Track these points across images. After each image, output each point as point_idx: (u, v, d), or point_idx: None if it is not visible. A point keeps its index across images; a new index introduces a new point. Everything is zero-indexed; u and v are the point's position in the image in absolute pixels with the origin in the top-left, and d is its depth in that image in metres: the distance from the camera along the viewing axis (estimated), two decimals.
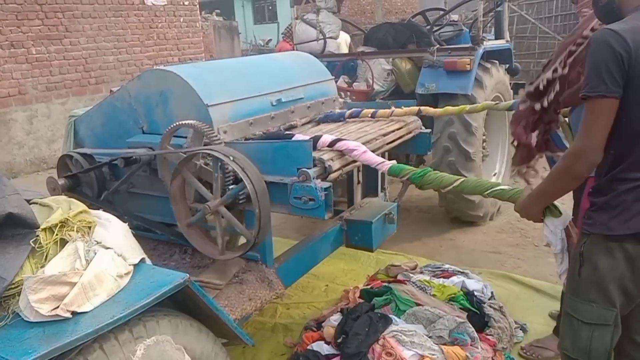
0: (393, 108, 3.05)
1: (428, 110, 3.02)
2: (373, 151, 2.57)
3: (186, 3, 9.45)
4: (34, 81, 7.44)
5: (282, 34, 9.06)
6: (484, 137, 4.44)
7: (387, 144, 2.80)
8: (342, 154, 2.47)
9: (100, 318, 1.44)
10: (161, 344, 1.38)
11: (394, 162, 2.39)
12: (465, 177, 4.08)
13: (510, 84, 5.69)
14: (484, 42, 4.22)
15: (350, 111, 3.07)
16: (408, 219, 4.99)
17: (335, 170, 2.34)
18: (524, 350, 2.82)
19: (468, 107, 3.01)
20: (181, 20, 9.39)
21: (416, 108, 3.03)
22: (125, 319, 1.47)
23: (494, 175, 4.87)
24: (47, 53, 7.51)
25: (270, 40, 21.63)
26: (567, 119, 2.45)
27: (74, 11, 7.76)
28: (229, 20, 19.63)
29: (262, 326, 3.30)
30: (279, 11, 23.71)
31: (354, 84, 4.87)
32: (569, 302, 1.88)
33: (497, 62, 4.49)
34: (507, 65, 5.03)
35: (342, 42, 5.45)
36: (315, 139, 2.47)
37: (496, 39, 4.99)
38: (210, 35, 16.71)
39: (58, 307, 1.43)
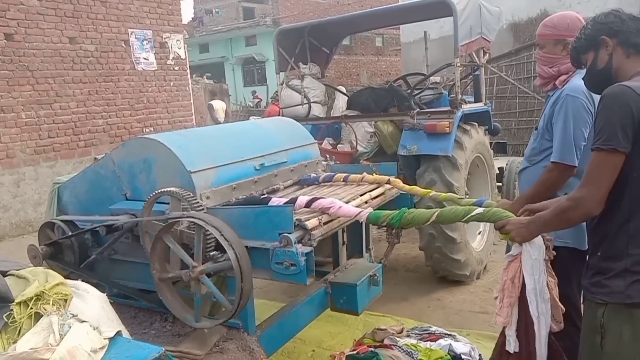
0: (364, 174, 3.15)
1: (396, 183, 3.12)
2: None
3: (176, 68, 9.72)
4: (23, 145, 7.49)
5: (271, 98, 9.32)
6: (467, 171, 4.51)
7: (366, 203, 2.84)
8: (323, 215, 2.49)
9: None
10: None
11: (370, 209, 2.41)
12: (449, 235, 4.15)
13: (491, 143, 5.86)
14: (462, 106, 4.36)
15: (323, 176, 3.14)
16: (395, 279, 4.97)
17: (316, 230, 2.35)
18: None
19: (432, 192, 3.09)
20: (171, 84, 9.62)
21: (386, 178, 3.13)
22: None
23: (479, 233, 4.90)
24: (36, 117, 7.61)
25: (260, 101, 22.15)
26: None
27: (64, 77, 7.93)
28: (219, 82, 20.15)
29: None
30: (268, 74, 24.43)
31: (338, 145, 4.98)
32: None
33: (476, 123, 4.63)
34: (487, 126, 5.19)
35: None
36: (292, 201, 2.50)
37: (475, 101, 5.17)
38: (200, 97, 17.09)
39: None
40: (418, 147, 4.27)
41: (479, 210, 2.15)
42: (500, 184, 5.91)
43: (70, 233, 2.68)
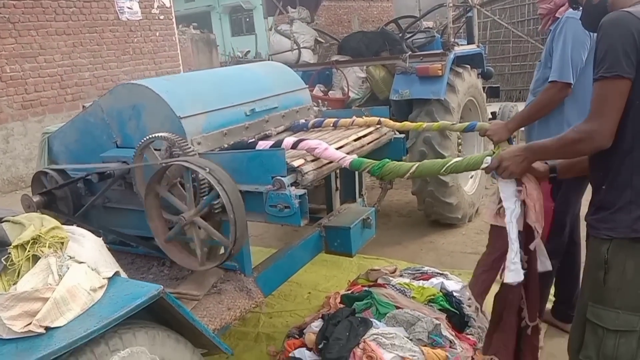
0: (354, 117, 3.10)
1: (387, 122, 3.07)
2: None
3: (161, 17, 9.45)
4: (9, 100, 7.36)
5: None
6: (459, 141, 4.51)
7: (359, 148, 2.83)
8: (316, 160, 2.50)
9: (74, 332, 1.44)
10: (136, 355, 1.39)
11: (354, 156, 2.41)
12: (442, 179, 4.19)
13: (484, 87, 5.82)
14: (455, 48, 4.30)
15: (312, 121, 3.11)
16: (388, 224, 5.05)
17: (309, 174, 2.35)
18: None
19: (425, 124, 3.07)
20: (157, 34, 9.39)
21: (376, 119, 3.08)
22: (99, 332, 1.47)
23: (471, 177, 4.94)
24: (21, 71, 7.45)
25: (248, 51, 21.70)
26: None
27: (47, 28, 7.71)
28: (206, 33, 19.65)
29: (245, 336, 3.30)
30: (256, 23, 23.80)
31: (330, 92, 4.93)
32: (593, 310, 1.83)
33: (469, 66, 4.58)
34: (480, 70, 5.14)
35: None
36: (278, 144, 2.50)
37: (468, 44, 5.10)
38: (187, 49, 16.70)
39: (31, 323, 1.42)
40: (410, 92, 4.25)
41: (456, 159, 2.12)
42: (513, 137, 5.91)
43: (62, 182, 2.67)
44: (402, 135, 3.31)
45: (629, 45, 1.61)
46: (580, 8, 1.96)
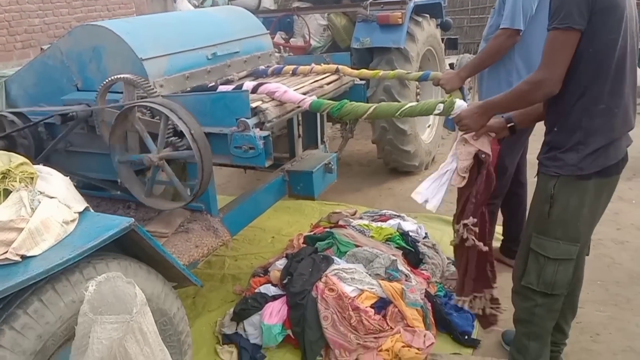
0: (313, 65, 3.14)
1: (345, 70, 3.13)
2: None
3: None
4: None
5: None
6: (418, 90, 4.62)
7: (319, 91, 2.89)
8: (279, 103, 2.56)
9: (50, 260, 1.51)
10: (112, 279, 1.46)
11: (314, 97, 2.49)
12: (400, 127, 4.32)
13: (442, 39, 5.90)
14: None
15: (272, 68, 3.13)
16: (349, 173, 5.19)
17: (271, 114, 2.41)
18: (443, 284, 3.06)
19: (382, 72, 3.15)
20: None
21: (334, 66, 3.13)
22: (74, 260, 1.54)
23: (428, 126, 5.10)
24: None
25: (204, 0, 20.92)
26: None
27: None
28: None
29: (211, 278, 3.42)
30: None
31: (291, 40, 4.91)
32: (536, 240, 2.00)
33: (428, 16, 4.65)
34: (440, 20, 5.21)
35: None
36: (238, 88, 2.54)
37: None
38: None
39: (7, 251, 1.48)
40: (371, 40, 4.29)
41: (412, 104, 2.24)
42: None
43: (22, 125, 2.65)
44: (363, 82, 3.39)
45: (583, 0, 1.71)
46: None
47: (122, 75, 2.35)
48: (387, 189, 4.69)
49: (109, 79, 2.38)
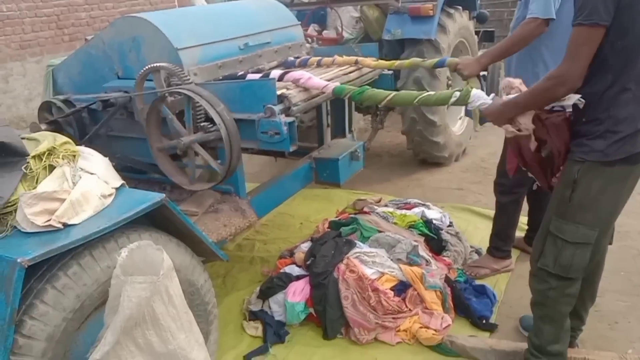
0: (335, 56, 3.21)
1: (364, 61, 3.17)
2: None
3: None
4: (7, 40, 7.38)
5: None
6: (449, 82, 4.64)
7: (348, 82, 2.98)
8: (304, 90, 2.66)
9: (88, 228, 1.67)
10: (143, 247, 1.61)
11: (337, 83, 2.58)
12: (430, 118, 4.36)
13: (478, 32, 5.87)
14: None
15: (299, 60, 3.22)
16: (380, 163, 5.26)
17: (296, 99, 2.52)
18: (464, 270, 3.11)
19: (397, 62, 3.17)
20: None
21: (354, 58, 3.19)
22: (109, 230, 1.70)
23: (460, 118, 5.10)
24: (18, 10, 7.42)
25: None
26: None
27: None
28: None
29: (241, 260, 3.57)
30: None
31: (324, 32, 5.00)
32: (556, 224, 2.04)
33: (460, 7, 4.65)
34: (474, 12, 5.20)
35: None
36: (265, 76, 2.66)
37: None
38: None
39: (50, 219, 1.64)
40: (402, 31, 4.34)
41: (429, 93, 2.30)
42: (485, 72, 6.01)
43: (68, 111, 2.85)
44: (390, 72, 3.45)
45: None
46: None
47: (158, 64, 2.51)
48: (416, 179, 4.74)
49: (147, 66, 2.54)
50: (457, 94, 2.20)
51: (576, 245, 2.02)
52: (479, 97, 2.15)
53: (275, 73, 2.70)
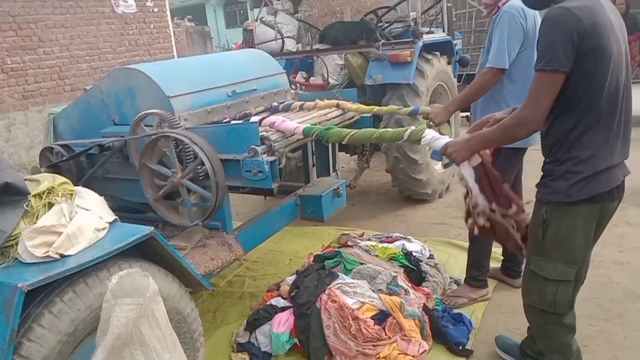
0: (317, 100, 3.46)
1: (345, 104, 3.43)
2: None
3: (156, 10, 9.78)
4: (11, 90, 7.71)
5: (243, 39, 9.55)
6: (430, 123, 4.88)
7: (321, 122, 3.20)
8: (291, 135, 2.88)
9: (83, 258, 1.84)
10: (132, 274, 1.78)
11: (306, 125, 2.81)
12: (412, 157, 4.58)
13: (461, 75, 6.21)
14: (424, 36, 4.68)
15: (283, 105, 3.46)
16: (367, 201, 5.46)
17: (276, 140, 2.73)
18: (443, 300, 3.26)
19: (376, 108, 3.44)
20: (152, 26, 9.72)
21: (335, 102, 3.45)
22: (102, 259, 1.87)
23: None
24: (22, 63, 7.78)
25: (241, 43, 21.97)
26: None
27: (46, 22, 8.04)
28: (200, 25, 19.95)
29: (231, 295, 3.71)
30: (250, 15, 24.03)
31: (311, 78, 5.31)
32: (535, 262, 2.09)
33: (438, 53, 4.96)
34: (456, 57, 5.53)
35: None
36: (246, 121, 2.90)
37: (444, 32, 5.46)
38: (182, 41, 17.01)
39: (49, 250, 1.82)
40: (383, 77, 4.63)
41: (385, 129, 2.50)
42: (467, 113, 6.29)
43: (67, 155, 3.06)
44: (369, 115, 3.69)
45: (568, 42, 1.80)
46: None
47: (151, 111, 2.74)
48: (401, 215, 4.93)
49: (141, 113, 2.77)
50: (410, 130, 2.39)
51: (557, 282, 2.06)
52: (432, 134, 2.35)
53: (255, 119, 2.93)
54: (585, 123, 1.91)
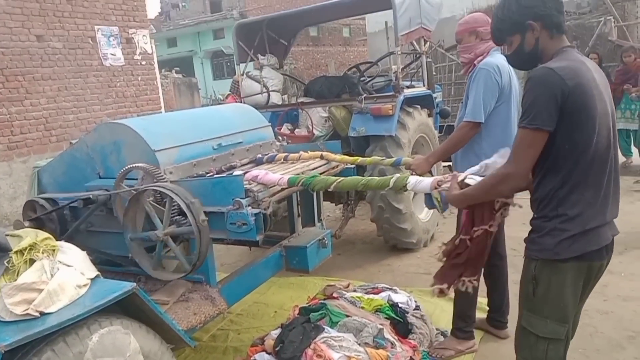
0: (301, 152, 3.54)
1: (328, 155, 3.52)
2: None
3: (143, 63, 9.98)
4: None
5: (230, 91, 9.78)
6: (412, 173, 4.97)
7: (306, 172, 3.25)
8: (274, 187, 2.92)
9: (63, 316, 1.81)
10: (112, 332, 1.75)
11: (290, 175, 2.85)
12: (396, 206, 4.63)
13: (442, 126, 6.38)
14: (404, 90, 4.84)
15: (267, 156, 3.52)
16: (352, 250, 5.46)
17: (260, 192, 2.76)
18: (430, 352, 3.22)
19: (360, 159, 3.54)
20: (139, 78, 9.89)
21: (319, 153, 3.54)
22: (83, 317, 1.84)
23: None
24: (8, 114, 7.82)
25: (229, 94, 22.36)
26: None
27: (34, 74, 8.15)
28: (188, 77, 20.31)
29: (215, 350, 3.63)
30: (237, 69, 24.57)
31: (296, 130, 5.41)
32: (526, 318, 2.06)
33: (419, 106, 5.11)
34: (437, 109, 5.70)
35: None
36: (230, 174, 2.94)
37: (424, 86, 5.65)
38: (170, 92, 17.29)
39: (29, 308, 1.79)
40: (366, 129, 4.74)
41: (371, 177, 2.57)
42: (450, 163, 6.43)
43: (51, 209, 3.05)
44: (353, 166, 3.76)
45: (552, 102, 1.82)
46: (506, 47, 2.18)
47: (136, 165, 2.77)
48: (387, 265, 4.92)
49: (126, 167, 2.79)
50: (395, 177, 2.44)
51: (548, 340, 2.02)
52: (415, 179, 2.41)
53: (237, 172, 2.97)
54: (573, 181, 1.91)
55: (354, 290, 3.76)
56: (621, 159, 7.74)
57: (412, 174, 2.75)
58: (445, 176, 2.42)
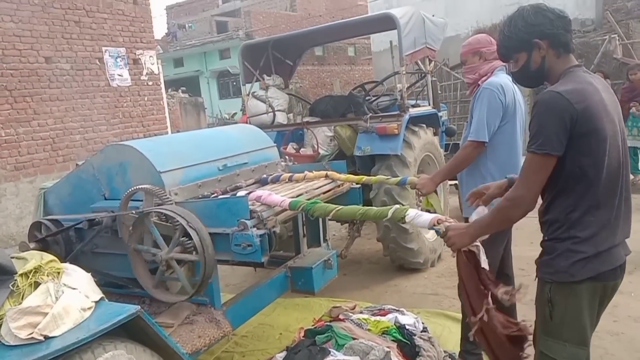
0: (305, 172, 3.54)
1: (333, 175, 3.52)
2: None
3: (150, 83, 10.08)
4: (3, 162, 7.76)
5: (240, 109, 9.85)
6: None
7: (316, 196, 3.25)
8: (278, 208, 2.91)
9: (67, 340, 1.80)
10: (116, 357, 1.74)
11: (292, 198, 2.84)
12: (402, 226, 4.60)
13: (448, 144, 6.37)
14: (409, 110, 4.85)
15: (272, 177, 3.53)
16: (359, 270, 5.41)
17: (265, 213, 2.75)
18: None
19: (365, 177, 3.53)
20: (145, 99, 9.97)
21: (324, 173, 3.53)
22: (87, 340, 1.83)
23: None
24: (15, 135, 7.89)
25: (235, 113, 22.54)
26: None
27: (42, 95, 8.24)
28: (194, 96, 20.49)
29: None
30: (243, 89, 24.77)
31: (301, 149, 5.41)
32: (544, 342, 1.99)
33: (424, 125, 5.11)
34: (443, 128, 5.70)
35: None
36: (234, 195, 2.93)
37: (429, 105, 5.66)
38: (176, 111, 17.43)
39: (33, 332, 1.78)
40: (371, 148, 4.74)
41: (368, 208, 2.55)
42: (455, 181, 6.40)
43: (56, 230, 3.05)
44: (359, 186, 3.75)
45: (560, 127, 1.81)
46: (511, 64, 2.15)
47: (141, 186, 2.77)
48: (394, 285, 4.88)
49: (131, 189, 2.80)
50: (394, 208, 2.43)
51: None
52: (415, 212, 2.38)
53: (241, 193, 2.97)
54: (585, 203, 1.89)
55: (360, 312, 3.71)
56: None
57: (418, 196, 2.72)
58: (447, 217, 2.36)
